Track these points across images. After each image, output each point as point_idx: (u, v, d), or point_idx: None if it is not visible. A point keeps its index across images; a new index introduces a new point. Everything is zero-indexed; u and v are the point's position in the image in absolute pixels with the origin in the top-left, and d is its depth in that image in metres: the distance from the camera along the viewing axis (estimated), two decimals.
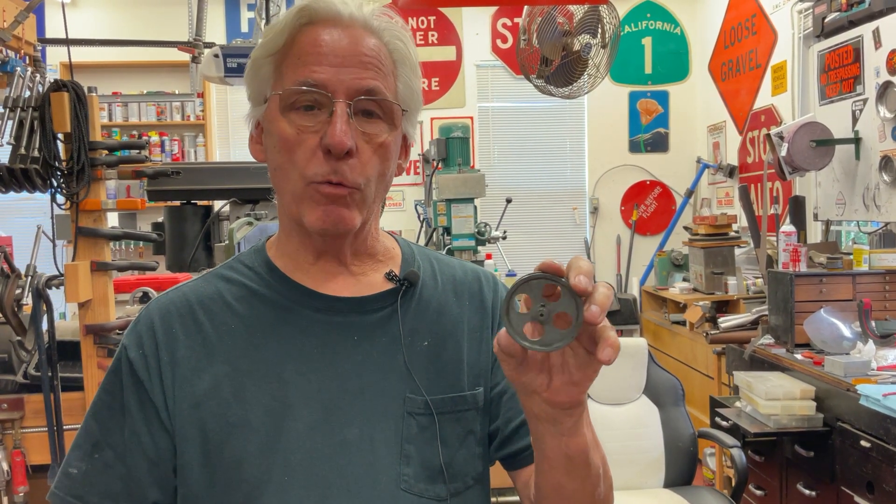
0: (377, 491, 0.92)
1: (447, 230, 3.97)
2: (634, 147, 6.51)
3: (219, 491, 0.92)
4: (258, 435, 0.92)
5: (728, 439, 2.93)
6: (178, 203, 2.77)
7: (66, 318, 4.44)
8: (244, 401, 0.93)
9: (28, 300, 2.34)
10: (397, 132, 0.96)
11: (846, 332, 3.03)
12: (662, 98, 6.49)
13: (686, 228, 5.32)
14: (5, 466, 2.24)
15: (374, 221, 1.02)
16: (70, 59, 2.51)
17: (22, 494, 2.27)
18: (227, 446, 0.92)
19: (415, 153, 3.05)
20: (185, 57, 3.71)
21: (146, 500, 0.95)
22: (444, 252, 3.35)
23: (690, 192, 6.14)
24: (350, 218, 0.93)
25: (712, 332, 4.04)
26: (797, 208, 3.87)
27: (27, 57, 2.71)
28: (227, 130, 6.41)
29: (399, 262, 1.04)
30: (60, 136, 2.23)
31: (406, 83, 0.97)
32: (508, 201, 4.68)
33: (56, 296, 2.35)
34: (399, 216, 6.23)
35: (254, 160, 1.05)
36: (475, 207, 4.02)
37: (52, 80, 2.28)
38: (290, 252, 1.00)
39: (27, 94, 2.30)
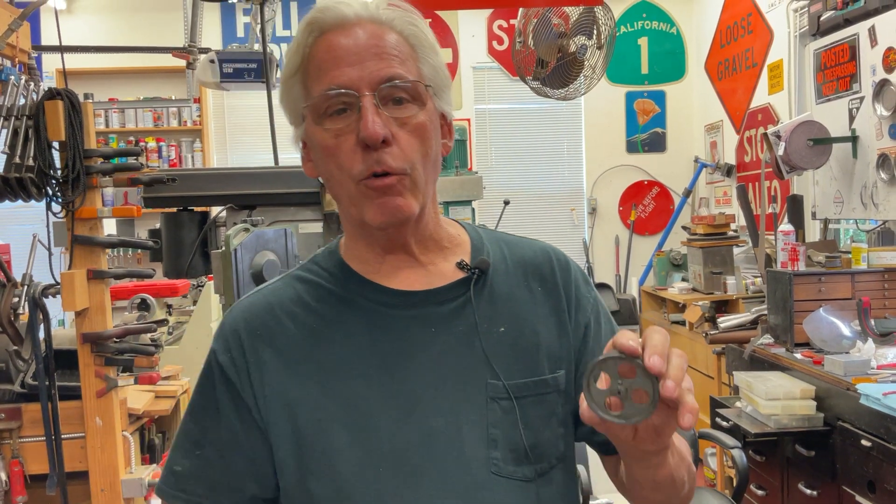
0: (470, 476, 0.95)
1: None
2: (632, 147, 6.50)
3: (314, 484, 0.95)
4: (348, 429, 0.95)
5: (728, 440, 2.92)
6: (174, 209, 2.76)
7: (65, 326, 4.43)
8: (332, 397, 0.96)
9: (25, 309, 2.33)
10: (430, 111, 0.97)
11: (846, 330, 3.02)
12: (659, 98, 6.49)
13: (684, 228, 5.32)
14: (3, 476, 2.23)
15: (433, 206, 1.03)
16: (64, 66, 2.51)
17: None
18: (318, 441, 0.95)
19: None
20: (182, 62, 3.70)
21: (245, 493, 1.00)
22: None
23: (688, 192, 6.14)
24: (406, 205, 0.95)
25: (712, 331, 4.03)
26: (795, 207, 3.87)
27: (22, 65, 2.70)
28: (225, 135, 6.40)
29: (468, 248, 1.05)
30: (55, 144, 2.23)
31: (429, 63, 0.98)
32: (506, 203, 4.67)
33: (53, 304, 2.34)
34: None
35: (250, 166, 1.06)
36: (473, 210, 4.01)
37: (46, 89, 2.27)
38: (358, 254, 1.03)
39: (21, 102, 2.29)
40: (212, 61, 3.52)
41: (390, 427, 0.95)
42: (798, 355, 3.10)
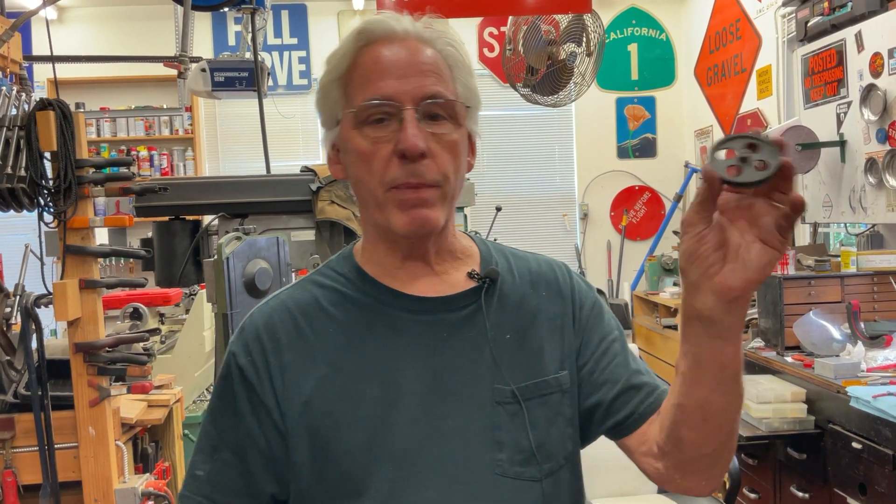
0: (474, 476, 0.99)
1: None
2: (623, 153, 6.53)
3: (329, 483, 0.99)
4: (363, 430, 0.98)
5: None
6: (166, 218, 2.77)
7: (57, 336, 4.42)
8: (348, 399, 0.99)
9: (17, 319, 2.33)
10: (463, 130, 1.02)
11: (835, 333, 3.04)
12: (649, 104, 6.52)
13: (675, 233, 5.34)
14: None
15: (451, 220, 1.07)
16: (55, 75, 2.51)
17: None
18: (334, 441, 0.98)
19: None
20: (173, 71, 3.71)
21: (265, 493, 1.03)
22: None
23: (679, 197, 6.16)
24: (434, 217, 0.99)
25: None
26: None
27: (13, 75, 2.70)
28: (216, 144, 6.40)
29: (478, 259, 1.10)
30: (47, 154, 2.23)
31: (464, 84, 1.04)
32: (498, 209, 4.67)
33: (45, 314, 2.34)
34: None
35: (242, 175, 1.08)
36: (465, 216, 4.01)
37: (38, 99, 2.27)
38: (376, 258, 1.06)
39: (13, 112, 2.29)
40: (203, 70, 3.53)
41: (402, 427, 0.98)
42: (788, 359, 3.12)
